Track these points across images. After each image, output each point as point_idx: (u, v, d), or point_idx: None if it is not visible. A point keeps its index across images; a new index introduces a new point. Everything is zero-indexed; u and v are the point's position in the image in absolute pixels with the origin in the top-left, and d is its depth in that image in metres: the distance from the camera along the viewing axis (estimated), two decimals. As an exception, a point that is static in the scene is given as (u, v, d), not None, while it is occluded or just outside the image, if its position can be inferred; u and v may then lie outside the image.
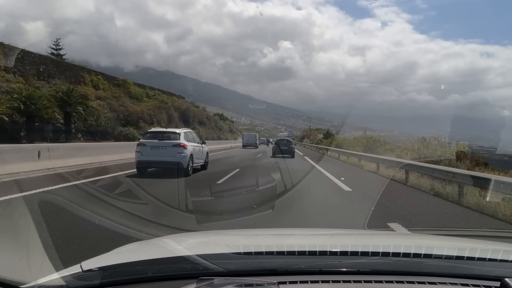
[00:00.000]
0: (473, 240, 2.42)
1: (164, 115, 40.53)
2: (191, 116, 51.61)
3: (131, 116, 33.31)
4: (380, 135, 50.68)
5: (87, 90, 30.09)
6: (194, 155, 11.94)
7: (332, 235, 2.23)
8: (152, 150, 11.27)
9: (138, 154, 11.32)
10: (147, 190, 7.79)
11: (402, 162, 13.66)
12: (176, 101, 51.60)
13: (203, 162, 13.42)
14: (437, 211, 7.67)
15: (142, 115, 35.20)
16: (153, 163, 11.43)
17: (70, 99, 22.70)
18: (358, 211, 6.87)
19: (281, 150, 25.55)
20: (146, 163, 11.26)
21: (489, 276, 1.39)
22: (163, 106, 43.01)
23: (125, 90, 38.19)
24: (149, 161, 11.25)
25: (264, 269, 1.42)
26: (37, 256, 2.40)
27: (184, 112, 49.65)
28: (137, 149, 11.46)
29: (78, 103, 23.45)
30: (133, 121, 33.35)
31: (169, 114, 42.23)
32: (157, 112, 39.21)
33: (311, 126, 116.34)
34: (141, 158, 11.22)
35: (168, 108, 43.82)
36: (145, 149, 11.30)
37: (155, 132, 12.35)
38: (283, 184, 8.89)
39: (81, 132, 25.73)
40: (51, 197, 6.86)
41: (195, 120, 53.08)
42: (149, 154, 11.21)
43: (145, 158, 11.21)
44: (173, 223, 5.08)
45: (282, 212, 6.18)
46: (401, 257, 1.51)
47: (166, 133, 12.07)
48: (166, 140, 11.57)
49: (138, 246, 2.03)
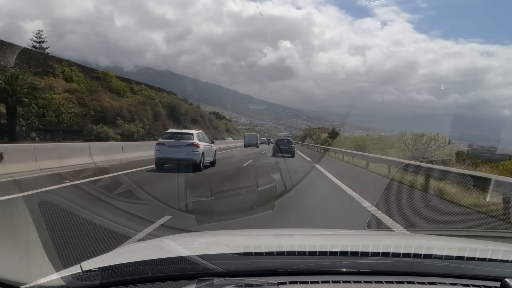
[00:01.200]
0: (473, 241, 2.43)
1: (149, 111, 37.61)
2: (182, 113, 48.87)
3: (107, 112, 29.85)
4: (380, 134, 50.23)
5: (54, 81, 26.60)
6: (205, 153, 13.50)
7: (332, 236, 2.23)
8: (169, 148, 12.82)
9: (157, 152, 12.86)
10: (147, 191, 7.79)
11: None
12: (165, 97, 48.42)
13: (212, 159, 14.88)
14: (438, 211, 7.67)
15: (120, 111, 31.88)
16: (170, 160, 12.82)
17: (14, 89, 18.11)
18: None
19: (281, 150, 25.64)
20: (164, 160, 12.83)
21: (489, 276, 1.39)
22: (148, 102, 39.61)
23: (105, 84, 34.91)
24: (167, 158, 12.80)
25: (264, 269, 1.42)
26: (37, 256, 2.40)
27: (173, 109, 46.49)
28: (156, 148, 13.01)
29: (24, 94, 18.94)
30: (109, 118, 30.04)
31: (155, 111, 39.36)
32: (140, 108, 35.87)
33: (310, 126, 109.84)
34: (159, 156, 12.81)
35: (155, 104, 40.72)
36: (163, 147, 12.87)
37: (172, 132, 13.99)
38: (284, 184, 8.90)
39: (37, 130, 21.50)
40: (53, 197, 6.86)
41: (187, 118, 50.31)
42: (166, 152, 12.76)
43: (163, 155, 12.79)
44: (173, 223, 5.09)
45: (282, 213, 6.18)
46: (401, 257, 1.51)
47: (181, 134, 13.72)
48: (182, 140, 13.10)
49: (138, 246, 2.03)
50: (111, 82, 36.60)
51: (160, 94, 48.96)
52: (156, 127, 37.41)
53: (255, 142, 44.72)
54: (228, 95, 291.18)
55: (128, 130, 31.46)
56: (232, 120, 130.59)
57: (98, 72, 37.06)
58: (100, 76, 36.22)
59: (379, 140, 34.96)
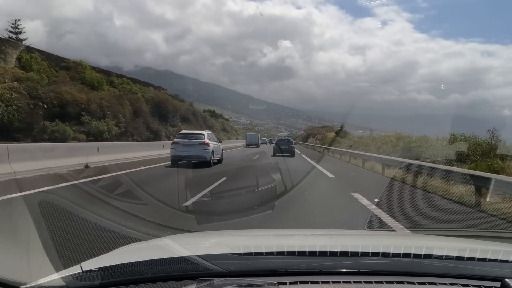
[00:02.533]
0: (473, 241, 2.42)
1: (127, 107, 33.17)
2: (170, 110, 44.52)
3: (68, 106, 25.03)
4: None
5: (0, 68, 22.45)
6: (214, 151, 15.14)
7: (332, 236, 2.23)
8: (184, 147, 14.50)
9: (173, 150, 14.57)
10: (147, 191, 7.79)
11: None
12: (150, 92, 43.65)
13: (219, 157, 16.31)
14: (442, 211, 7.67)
15: (88, 106, 27.18)
16: (184, 157, 14.43)
17: None
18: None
19: (281, 150, 25.71)
20: (179, 157, 14.32)
21: (489, 276, 1.39)
22: (128, 97, 35.08)
23: (76, 75, 30.60)
24: (181, 155, 14.37)
25: (264, 269, 1.42)
26: (37, 256, 2.40)
27: (160, 105, 42.40)
28: (172, 146, 14.74)
29: None
30: (72, 113, 25.45)
31: (135, 107, 35.09)
32: (114, 103, 31.16)
33: (312, 125, 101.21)
34: (175, 153, 14.46)
35: (136, 99, 36.39)
36: (178, 146, 14.59)
37: (185, 133, 15.97)
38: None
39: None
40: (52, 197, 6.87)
41: (176, 115, 46.22)
42: (181, 150, 14.46)
43: (178, 153, 14.43)
44: (173, 223, 5.09)
45: (282, 213, 6.18)
46: (401, 257, 1.51)
47: (194, 134, 15.61)
48: (194, 139, 14.82)
49: (138, 246, 2.03)
50: (84, 73, 31.86)
51: (145, 89, 44.09)
52: (136, 125, 33.79)
53: (256, 142, 46.01)
54: (228, 95, 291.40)
55: (96, 128, 27.07)
56: (231, 120, 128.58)
57: (69, 61, 32.18)
58: (71, 66, 31.44)
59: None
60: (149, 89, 46.12)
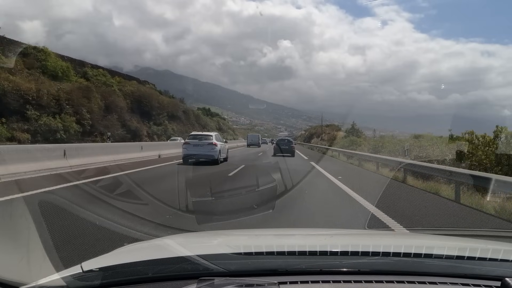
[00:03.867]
0: (474, 240, 2.43)
1: (96, 101, 28.66)
2: (155, 107, 40.06)
3: (8, 98, 20.11)
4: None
5: None
6: (221, 150, 16.69)
7: (333, 235, 2.23)
8: (194, 147, 16.10)
9: (185, 149, 16.19)
10: (148, 191, 7.79)
11: None
12: (130, 86, 38.65)
13: (225, 155, 17.92)
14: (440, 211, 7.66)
15: (38, 98, 22.27)
16: (195, 156, 16.03)
17: None
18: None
19: (281, 150, 25.75)
20: (189, 156, 16.03)
21: (489, 275, 1.39)
22: (99, 90, 30.33)
23: (36, 63, 26.32)
24: (192, 154, 16.02)
25: (265, 269, 1.42)
26: (38, 256, 2.40)
27: (142, 100, 37.80)
28: (184, 146, 16.44)
29: None
30: (11, 107, 20.15)
31: (109, 101, 30.74)
32: (77, 95, 26.25)
33: (314, 124, 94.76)
34: (186, 152, 16.09)
35: (110, 92, 31.85)
36: (189, 146, 16.20)
37: (195, 134, 17.70)
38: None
39: None
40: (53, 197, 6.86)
41: (162, 112, 41.63)
42: (191, 149, 16.07)
43: (189, 152, 16.05)
44: (174, 223, 5.09)
45: (282, 212, 6.18)
46: (402, 257, 1.51)
47: (203, 135, 17.33)
48: (203, 140, 16.43)
49: (138, 246, 2.03)
50: (47, 61, 27.32)
51: (125, 82, 39.30)
52: (107, 123, 29.48)
53: (257, 142, 47.27)
54: (228, 95, 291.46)
55: (46, 125, 22.43)
56: (231, 120, 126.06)
57: (28, 46, 27.76)
58: (30, 53, 26.86)
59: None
60: (131, 82, 40.98)
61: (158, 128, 40.07)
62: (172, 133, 41.77)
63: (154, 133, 38.69)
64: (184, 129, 45.91)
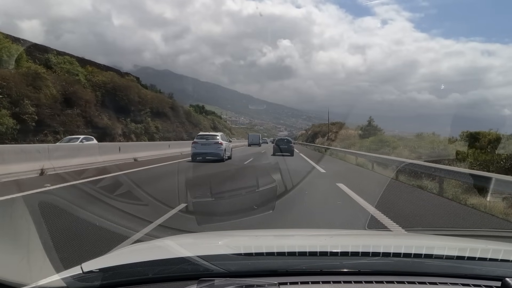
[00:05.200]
0: (474, 240, 2.42)
1: (50, 90, 23.55)
2: (134, 101, 34.13)
3: None
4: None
5: None
6: (226, 149, 18.42)
7: (333, 236, 2.23)
8: (202, 146, 17.78)
9: (193, 148, 17.85)
10: (148, 192, 7.79)
11: None
12: (102, 75, 32.58)
13: (229, 154, 19.60)
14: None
15: None
16: (202, 154, 17.61)
17: None
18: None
19: (281, 149, 25.77)
20: (198, 154, 17.65)
21: (490, 276, 1.39)
22: (56, 78, 25.37)
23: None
24: (200, 152, 17.65)
25: (265, 270, 1.42)
26: (38, 257, 2.40)
27: (116, 93, 31.91)
28: (193, 145, 18.01)
29: None
30: None
31: (70, 93, 25.76)
32: (19, 84, 21.21)
33: (315, 123, 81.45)
34: (195, 151, 17.77)
35: (72, 82, 26.74)
36: (197, 145, 17.87)
37: (203, 135, 19.39)
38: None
39: None
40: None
41: (144, 108, 35.98)
42: (200, 148, 17.76)
43: (197, 150, 17.71)
44: (174, 223, 5.08)
45: (282, 213, 6.18)
46: (402, 257, 1.51)
47: (210, 135, 19.17)
48: (210, 139, 18.18)
49: (138, 247, 2.03)
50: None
51: (99, 72, 33.06)
52: (65, 119, 24.86)
53: (257, 141, 49.19)
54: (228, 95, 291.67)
55: None
56: (225, 118, 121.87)
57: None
58: None
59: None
60: (106, 73, 34.08)
61: (139, 126, 34.55)
62: (156, 132, 37.01)
63: (131, 131, 33.20)
64: (171, 127, 41.43)
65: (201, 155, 17.58)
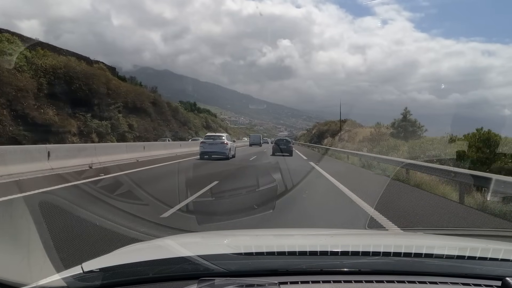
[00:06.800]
0: (474, 240, 2.42)
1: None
2: (100, 93, 27.99)
3: None
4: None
5: None
6: (231, 148, 20.40)
7: (333, 235, 2.23)
8: (209, 145, 19.65)
9: (201, 147, 19.65)
10: (148, 192, 7.79)
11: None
12: (52, 58, 25.28)
13: (233, 153, 21.40)
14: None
15: None
16: (210, 153, 19.35)
17: None
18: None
19: (280, 149, 25.84)
20: (206, 153, 19.33)
21: (490, 275, 1.39)
22: None
23: None
24: (208, 151, 19.43)
25: (265, 269, 1.42)
26: (38, 257, 2.40)
27: (73, 81, 25.36)
28: (201, 145, 19.97)
29: None
30: None
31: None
32: None
33: (316, 123, 71.27)
34: (203, 150, 19.51)
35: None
36: (205, 145, 19.69)
37: (210, 135, 21.60)
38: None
39: None
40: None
41: (116, 102, 30.10)
42: (207, 147, 19.56)
43: (205, 149, 19.48)
44: (174, 223, 5.08)
45: (282, 212, 6.18)
46: (402, 257, 1.51)
47: (216, 136, 21.16)
48: (217, 140, 20.12)
49: (139, 247, 2.02)
50: None
51: (53, 56, 25.79)
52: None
53: (258, 141, 51.18)
54: (228, 95, 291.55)
55: None
56: (221, 117, 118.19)
57: None
58: None
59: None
60: (54, 54, 26.27)
61: (102, 123, 27.97)
62: (129, 131, 30.77)
63: (93, 130, 27.03)
64: (152, 126, 35.10)
65: (208, 153, 19.29)
